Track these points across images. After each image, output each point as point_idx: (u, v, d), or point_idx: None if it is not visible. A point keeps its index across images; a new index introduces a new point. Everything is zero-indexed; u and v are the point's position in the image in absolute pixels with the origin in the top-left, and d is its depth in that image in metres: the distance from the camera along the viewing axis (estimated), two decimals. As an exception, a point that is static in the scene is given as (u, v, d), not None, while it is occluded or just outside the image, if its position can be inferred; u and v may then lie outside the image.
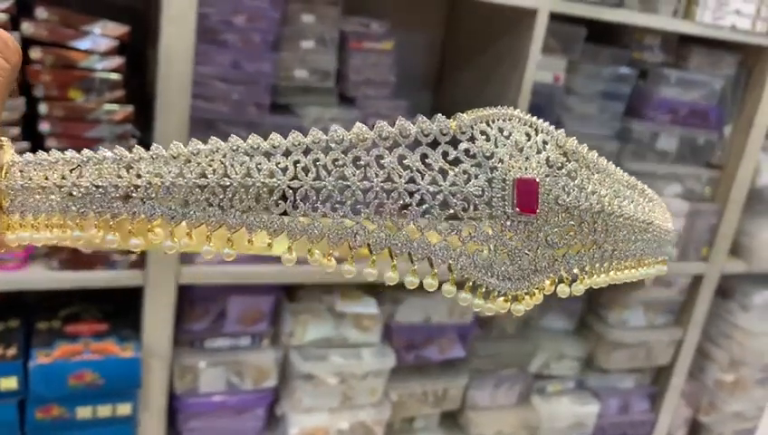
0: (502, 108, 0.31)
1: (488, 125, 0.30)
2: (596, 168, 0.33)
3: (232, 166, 0.29)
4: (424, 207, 0.28)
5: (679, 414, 1.78)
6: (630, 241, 0.34)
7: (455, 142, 0.29)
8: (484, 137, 0.30)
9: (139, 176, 0.29)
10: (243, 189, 0.28)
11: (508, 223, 0.29)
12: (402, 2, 1.38)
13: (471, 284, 0.30)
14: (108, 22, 0.97)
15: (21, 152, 0.32)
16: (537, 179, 0.30)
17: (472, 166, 0.29)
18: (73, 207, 0.30)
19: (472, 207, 0.29)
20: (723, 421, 1.79)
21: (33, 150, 0.31)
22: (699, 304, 1.62)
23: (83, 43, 0.96)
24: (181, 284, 1.09)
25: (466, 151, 0.29)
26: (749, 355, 1.71)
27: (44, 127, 0.96)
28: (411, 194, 0.28)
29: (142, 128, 1.04)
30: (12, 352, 1.02)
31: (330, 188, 0.28)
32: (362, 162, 0.28)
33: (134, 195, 0.29)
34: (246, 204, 0.29)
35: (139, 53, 1.09)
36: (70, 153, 0.30)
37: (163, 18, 0.95)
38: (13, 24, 0.92)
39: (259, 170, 0.28)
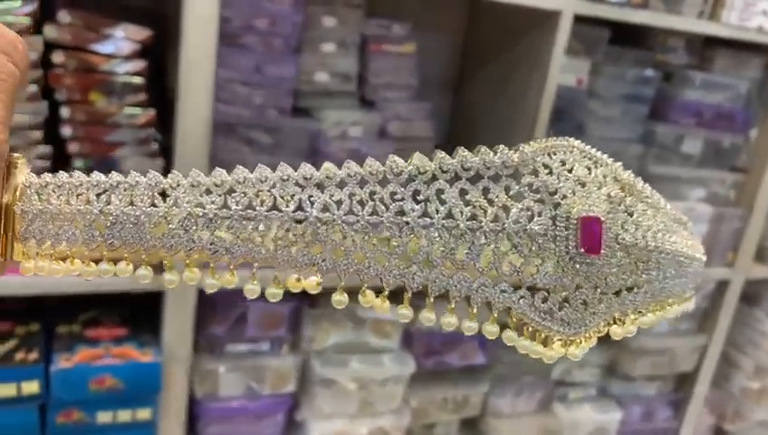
0: (562, 139, 0.29)
1: (550, 157, 0.28)
2: (648, 201, 0.31)
3: (282, 198, 0.26)
4: (488, 246, 0.26)
5: (703, 422, 1.75)
6: (676, 277, 0.32)
7: (516, 175, 0.27)
8: (546, 170, 0.28)
9: (177, 205, 0.26)
10: (295, 224, 0.26)
11: (570, 263, 0.27)
12: (423, 4, 1.37)
13: (529, 329, 0.28)
14: (130, 25, 0.96)
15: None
16: (602, 217, 0.28)
17: (535, 202, 0.27)
18: (99, 238, 0.27)
19: (535, 247, 0.27)
20: (748, 430, 1.76)
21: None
22: (724, 310, 1.59)
23: (106, 47, 0.96)
24: (201, 288, 1.08)
25: (530, 186, 0.27)
26: (775, 363, 1.68)
27: (66, 131, 0.96)
28: (474, 232, 0.26)
29: (163, 131, 1.04)
30: (33, 356, 1.02)
31: (387, 224, 0.26)
32: (422, 197, 0.26)
33: (171, 226, 0.26)
34: (297, 239, 0.26)
35: (160, 56, 1.09)
36: (96, 176, 0.27)
37: (185, 21, 0.94)
38: (36, 28, 0.92)
39: (312, 204, 0.26)
